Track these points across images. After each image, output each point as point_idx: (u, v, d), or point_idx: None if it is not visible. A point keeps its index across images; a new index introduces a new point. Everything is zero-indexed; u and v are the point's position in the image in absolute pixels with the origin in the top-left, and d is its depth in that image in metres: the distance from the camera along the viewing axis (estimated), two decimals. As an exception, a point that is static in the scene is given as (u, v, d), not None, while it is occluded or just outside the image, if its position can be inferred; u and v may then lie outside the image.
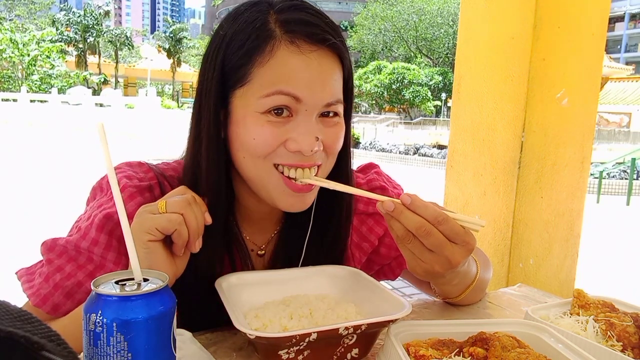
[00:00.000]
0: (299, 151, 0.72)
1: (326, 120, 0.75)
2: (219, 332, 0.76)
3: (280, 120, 0.72)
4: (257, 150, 0.72)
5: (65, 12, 41.26)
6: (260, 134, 0.71)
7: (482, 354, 0.61)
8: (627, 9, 52.66)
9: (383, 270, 0.98)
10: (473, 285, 0.85)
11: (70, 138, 15.12)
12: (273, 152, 0.72)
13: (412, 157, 15.22)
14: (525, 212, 2.00)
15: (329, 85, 0.73)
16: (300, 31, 0.71)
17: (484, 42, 2.04)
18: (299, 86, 0.70)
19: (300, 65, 0.71)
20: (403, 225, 0.67)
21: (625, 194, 9.31)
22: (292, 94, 0.70)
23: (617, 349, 0.69)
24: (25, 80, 30.55)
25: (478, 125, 2.06)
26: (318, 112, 0.73)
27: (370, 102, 33.84)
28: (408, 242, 0.68)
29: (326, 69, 0.73)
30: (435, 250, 0.67)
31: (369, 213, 0.93)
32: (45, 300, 0.75)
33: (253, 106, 0.72)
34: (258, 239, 0.89)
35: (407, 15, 38.08)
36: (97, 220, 0.76)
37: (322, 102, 0.73)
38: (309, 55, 0.71)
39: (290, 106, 0.71)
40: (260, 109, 0.71)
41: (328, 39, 0.72)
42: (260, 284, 0.79)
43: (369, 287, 0.79)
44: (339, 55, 0.75)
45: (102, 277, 0.51)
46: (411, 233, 0.67)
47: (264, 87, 0.71)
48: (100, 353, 0.46)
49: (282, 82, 0.70)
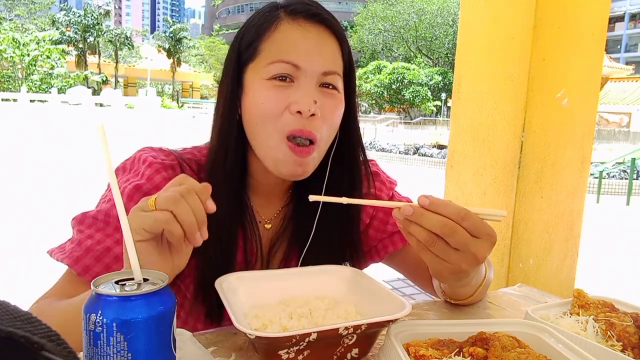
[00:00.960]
0: (299, 112, 0.78)
1: (325, 90, 0.82)
2: (219, 332, 0.76)
3: (284, 85, 0.80)
4: (266, 112, 0.80)
5: (65, 12, 41.27)
6: (267, 97, 0.80)
7: (482, 354, 0.61)
8: (627, 9, 52.66)
9: (370, 253, 1.01)
10: (483, 284, 0.85)
11: (70, 138, 15.13)
12: (280, 116, 0.79)
13: (412, 157, 15.22)
14: (525, 212, 2.01)
15: (325, 55, 0.82)
16: (301, 10, 0.82)
17: (484, 42, 2.04)
18: (298, 55, 0.80)
19: (299, 37, 0.81)
20: (424, 228, 0.66)
21: (625, 194, 9.31)
22: (292, 62, 0.79)
23: (617, 349, 0.69)
24: (25, 80, 30.55)
25: (478, 125, 2.06)
26: (317, 81, 0.81)
27: (370, 102, 33.84)
28: (432, 244, 0.67)
29: (323, 41, 0.82)
30: (461, 248, 0.67)
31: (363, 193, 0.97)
32: (77, 261, 0.78)
33: (260, 74, 0.81)
34: (266, 212, 0.93)
35: (407, 15, 38.10)
36: (127, 190, 0.81)
37: (320, 69, 0.81)
38: (307, 28, 0.81)
39: (291, 73, 0.80)
40: (265, 75, 0.80)
41: (327, 19, 0.83)
42: (260, 283, 0.79)
43: (369, 287, 0.79)
44: (337, 37, 0.84)
45: (102, 277, 0.52)
46: (434, 234, 0.66)
47: (269, 57, 0.80)
48: (100, 353, 0.47)
49: (283, 52, 0.80)
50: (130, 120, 19.97)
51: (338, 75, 0.83)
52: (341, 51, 0.85)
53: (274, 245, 0.92)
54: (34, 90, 29.74)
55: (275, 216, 0.94)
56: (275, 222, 0.93)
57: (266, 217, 0.93)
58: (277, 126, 0.80)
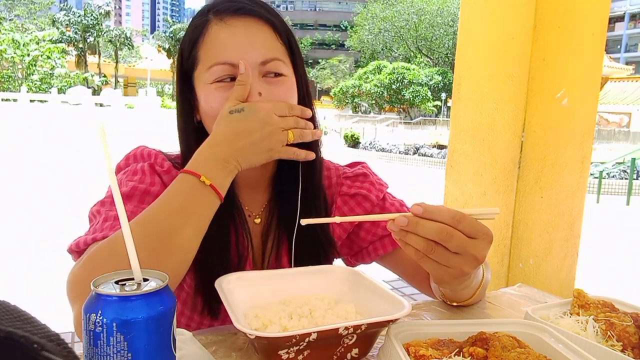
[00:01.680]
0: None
1: (269, 80, 0.83)
2: (219, 332, 0.76)
3: (226, 85, 0.82)
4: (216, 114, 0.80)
5: (65, 12, 41.28)
6: (214, 100, 0.82)
7: (482, 354, 0.61)
8: (627, 9, 52.67)
9: (361, 253, 1.01)
10: (482, 285, 0.85)
11: (70, 138, 15.13)
12: None
13: (412, 157, 15.22)
14: (525, 212, 2.01)
15: (258, 46, 0.82)
16: (226, 9, 0.84)
17: (484, 42, 2.04)
18: (231, 53, 0.81)
19: (228, 35, 0.82)
20: (422, 237, 0.65)
21: (625, 194, 9.31)
22: (227, 62, 0.81)
23: (617, 349, 0.69)
24: (25, 80, 30.54)
25: (478, 125, 2.06)
26: (257, 72, 0.82)
27: (370, 102, 33.84)
28: (431, 251, 0.66)
29: (253, 33, 0.83)
30: (461, 252, 0.66)
31: (351, 194, 0.99)
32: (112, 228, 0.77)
33: (203, 80, 0.83)
34: (253, 206, 0.95)
35: (407, 15, 38.10)
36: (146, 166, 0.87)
37: (255, 61, 0.81)
38: (235, 25, 0.82)
39: (231, 73, 0.81)
40: (208, 80, 0.82)
41: (251, 9, 0.83)
42: (260, 283, 0.79)
43: (369, 287, 0.79)
44: (270, 23, 0.84)
45: (101, 277, 0.52)
46: (432, 242, 0.66)
47: (206, 62, 0.83)
48: (100, 353, 0.47)
49: (217, 55, 0.81)
50: (130, 120, 19.97)
51: (279, 61, 0.83)
52: (278, 36, 0.85)
53: (266, 239, 0.93)
54: (34, 90, 29.73)
55: (262, 210, 0.95)
56: (263, 216, 0.95)
57: (255, 211, 0.95)
58: None
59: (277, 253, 0.93)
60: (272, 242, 0.93)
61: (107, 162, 0.55)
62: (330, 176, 1.01)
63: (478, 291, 0.85)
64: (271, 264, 0.93)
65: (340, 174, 1.01)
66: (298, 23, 74.70)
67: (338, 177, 1.01)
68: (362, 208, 0.98)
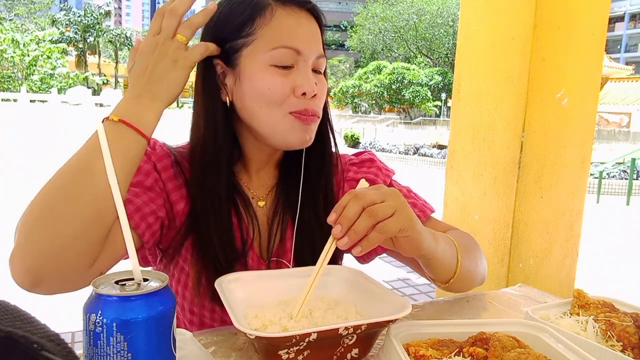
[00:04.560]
0: (304, 94, 0.83)
1: (317, 75, 0.87)
2: (219, 332, 0.76)
3: (287, 71, 0.84)
4: (275, 96, 0.83)
5: (65, 12, 41.28)
6: (274, 82, 0.83)
7: (482, 354, 0.61)
8: (627, 9, 52.66)
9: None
10: (459, 268, 0.86)
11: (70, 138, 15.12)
12: (287, 99, 0.83)
13: (412, 157, 15.22)
14: (525, 212, 2.01)
15: (317, 40, 0.87)
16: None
17: (484, 42, 2.04)
18: (298, 40, 0.84)
19: (295, 23, 0.85)
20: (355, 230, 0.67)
21: (625, 194, 9.31)
22: (294, 47, 0.83)
23: (617, 349, 0.69)
24: (25, 80, 30.54)
25: (478, 125, 2.06)
26: (312, 65, 0.86)
27: (370, 102, 33.83)
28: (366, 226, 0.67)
29: (313, 27, 0.87)
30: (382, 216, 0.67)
31: (358, 179, 0.98)
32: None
33: (261, 60, 0.83)
34: (258, 190, 0.96)
35: (407, 16, 38.09)
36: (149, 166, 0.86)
37: (316, 53, 0.86)
38: (300, 15, 0.86)
39: (292, 58, 0.84)
40: (268, 61, 0.83)
41: (314, 6, 0.89)
42: (260, 283, 0.79)
43: (369, 287, 0.79)
44: (319, 24, 0.89)
45: (101, 277, 0.52)
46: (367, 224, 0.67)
47: (270, 42, 0.83)
48: (100, 353, 0.47)
49: (284, 38, 0.83)
50: (130, 120, 19.89)
51: (325, 58, 0.89)
52: (322, 35, 0.90)
53: (272, 223, 0.94)
54: (34, 90, 29.71)
55: (267, 194, 0.96)
56: (269, 200, 0.96)
57: (259, 194, 0.95)
58: (283, 108, 0.84)
59: (282, 237, 0.94)
60: (277, 225, 0.94)
61: (107, 162, 0.55)
62: (336, 164, 1.02)
63: (457, 274, 0.85)
64: (275, 247, 0.93)
65: (347, 161, 1.04)
66: (298, 23, 74.55)
67: (344, 164, 1.03)
68: (362, 173, 1.01)
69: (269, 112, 0.84)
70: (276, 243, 0.93)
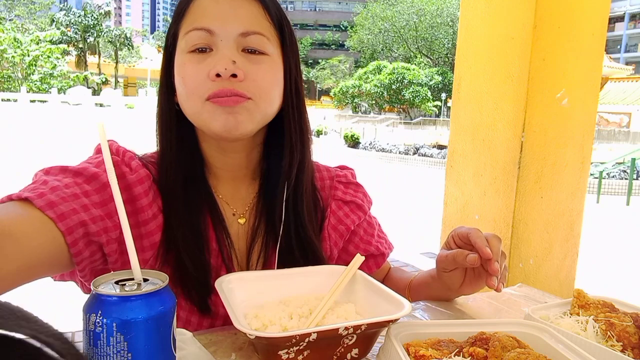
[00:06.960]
0: (218, 75, 0.75)
1: (249, 55, 0.78)
2: (219, 332, 0.76)
3: (203, 56, 0.77)
4: (191, 85, 0.77)
5: (65, 12, 41.28)
6: (189, 69, 0.77)
7: (482, 354, 0.61)
8: (627, 9, 52.65)
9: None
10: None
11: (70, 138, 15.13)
12: (202, 85, 0.76)
13: (412, 157, 15.21)
14: (525, 212, 2.01)
15: (242, 17, 0.78)
16: None
17: (484, 42, 2.04)
18: (209, 19, 0.77)
19: (211, 4, 0.78)
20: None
21: (625, 194, 9.31)
22: (205, 28, 0.76)
23: (617, 349, 0.69)
24: (25, 80, 30.53)
25: (478, 125, 2.06)
26: (236, 45, 0.77)
27: (370, 102, 33.83)
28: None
29: (239, 4, 0.78)
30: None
31: (346, 201, 0.96)
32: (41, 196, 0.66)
33: (181, 49, 0.79)
34: (237, 204, 0.88)
35: (407, 16, 38.10)
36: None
37: (236, 31, 0.77)
38: None
39: (208, 41, 0.77)
40: (185, 48, 0.78)
41: None
42: (259, 283, 0.79)
43: (369, 287, 0.79)
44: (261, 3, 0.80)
45: (101, 277, 0.52)
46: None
47: (185, 28, 0.79)
48: (100, 353, 0.47)
49: (197, 20, 0.77)
50: (130, 120, 19.96)
51: (262, 36, 0.78)
52: (266, 12, 0.80)
53: (251, 243, 0.87)
54: (34, 90, 29.72)
55: (247, 209, 0.89)
56: (250, 217, 0.88)
57: (239, 210, 0.88)
58: (200, 95, 0.76)
59: (265, 256, 0.87)
60: (260, 247, 0.87)
61: (107, 162, 0.55)
62: (323, 178, 0.97)
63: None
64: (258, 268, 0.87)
65: (333, 176, 0.98)
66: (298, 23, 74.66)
67: (331, 180, 0.97)
68: (356, 216, 0.96)
69: (192, 104, 0.78)
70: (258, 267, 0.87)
